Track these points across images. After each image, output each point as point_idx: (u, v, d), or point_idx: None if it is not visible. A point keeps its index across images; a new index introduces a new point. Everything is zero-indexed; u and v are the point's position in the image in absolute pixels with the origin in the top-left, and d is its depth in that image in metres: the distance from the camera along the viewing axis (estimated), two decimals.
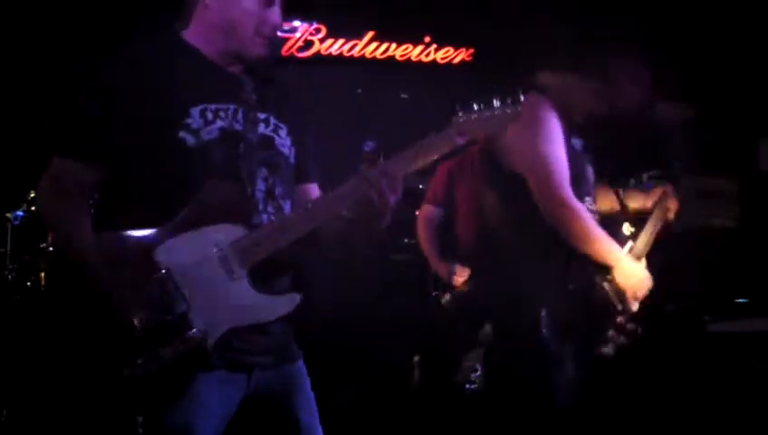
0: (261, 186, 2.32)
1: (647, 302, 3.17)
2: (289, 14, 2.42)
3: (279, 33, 2.43)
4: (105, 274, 2.15)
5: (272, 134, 2.40)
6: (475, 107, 2.25)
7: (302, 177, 2.51)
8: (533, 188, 3.02)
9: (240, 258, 2.20)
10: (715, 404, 4.29)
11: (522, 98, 2.25)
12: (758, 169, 5.84)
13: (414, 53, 7.26)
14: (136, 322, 2.13)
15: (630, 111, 3.27)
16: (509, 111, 2.27)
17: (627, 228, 3.26)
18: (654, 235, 3.28)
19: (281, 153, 2.40)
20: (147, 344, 2.13)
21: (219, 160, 2.25)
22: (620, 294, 3.09)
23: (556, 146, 3.04)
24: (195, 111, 2.25)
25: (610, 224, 3.18)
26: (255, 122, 2.35)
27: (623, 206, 3.45)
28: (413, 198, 4.77)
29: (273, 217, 2.32)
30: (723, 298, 4.72)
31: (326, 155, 2.71)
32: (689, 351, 4.48)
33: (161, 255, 2.17)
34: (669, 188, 3.53)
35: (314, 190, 2.54)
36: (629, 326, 3.12)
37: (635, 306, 3.15)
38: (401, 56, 7.25)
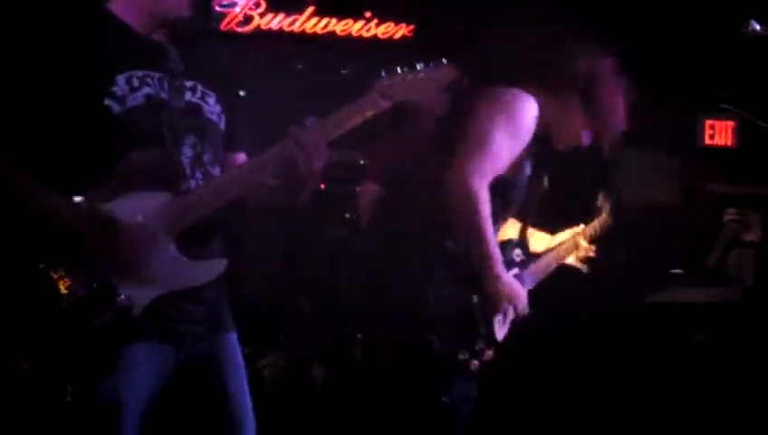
0: (188, 152, 2.29)
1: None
2: None
3: (218, 8, 2.40)
4: None
5: (199, 101, 2.36)
6: (399, 70, 2.24)
7: (232, 145, 2.47)
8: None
9: (166, 225, 2.17)
10: (651, 373, 4.35)
11: (444, 60, 2.24)
12: (698, 144, 5.91)
13: (355, 28, 7.21)
14: (62, 290, 2.09)
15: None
16: (433, 73, 2.27)
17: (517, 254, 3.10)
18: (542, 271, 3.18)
19: (209, 120, 2.37)
20: (73, 314, 2.09)
21: (145, 127, 2.22)
22: (487, 314, 2.88)
23: (513, 141, 2.87)
24: (120, 79, 2.22)
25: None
26: (182, 90, 2.31)
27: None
28: (354, 173, 4.75)
29: (201, 184, 2.28)
30: (659, 270, 4.78)
31: (267, 131, 2.69)
32: (628, 321, 4.53)
33: None
34: (585, 231, 3.44)
35: (243, 159, 2.51)
36: (487, 353, 2.90)
37: (500, 332, 2.94)
38: (342, 31, 7.20)
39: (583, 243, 3.45)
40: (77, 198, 2.15)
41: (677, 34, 5.82)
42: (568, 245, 3.42)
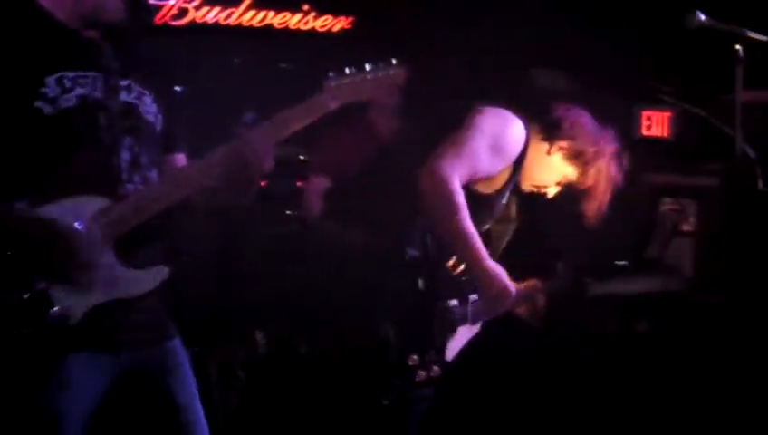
0: (125, 155, 2.21)
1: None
2: None
3: (152, 0, 2.32)
4: None
5: (135, 101, 2.28)
6: (347, 71, 2.22)
7: (169, 146, 2.40)
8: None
9: (104, 231, 2.09)
10: (598, 365, 4.37)
11: (394, 61, 2.23)
12: (635, 135, 5.95)
13: (292, 21, 7.12)
14: None
15: None
16: (381, 74, 2.26)
17: None
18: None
19: (145, 120, 2.29)
20: (3, 324, 2.01)
21: (80, 129, 2.14)
22: (443, 325, 2.92)
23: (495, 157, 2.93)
24: (51, 80, 2.13)
25: None
26: (116, 89, 2.23)
27: None
28: (293, 169, 4.69)
29: (139, 187, 2.21)
30: (604, 261, 4.80)
31: (204, 127, 2.63)
32: (574, 314, 4.54)
33: None
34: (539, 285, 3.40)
35: (182, 160, 2.44)
36: (434, 368, 2.90)
37: (453, 349, 2.99)
38: (279, 24, 7.11)
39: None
40: (6, 205, 2.06)
41: (618, 25, 5.85)
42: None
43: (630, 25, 5.76)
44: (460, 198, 2.83)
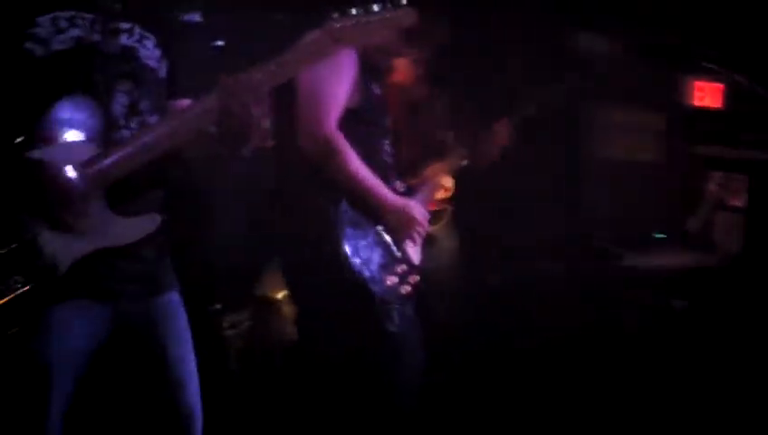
0: (121, 99, 2.14)
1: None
2: None
3: None
4: None
5: (135, 45, 2.20)
6: (354, 11, 2.05)
7: (176, 92, 2.31)
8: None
9: (94, 177, 2.02)
10: (632, 338, 4.24)
11: (403, 1, 2.07)
12: (687, 105, 5.74)
13: None
14: None
15: None
16: (390, 15, 2.07)
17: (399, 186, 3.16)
18: None
19: (145, 65, 2.21)
20: None
21: (73, 72, 2.07)
22: (397, 240, 3.00)
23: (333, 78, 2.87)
24: (44, 20, 2.06)
25: None
26: (116, 32, 2.16)
27: None
28: None
29: (134, 133, 2.12)
30: (641, 233, 4.65)
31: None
32: (606, 286, 4.40)
33: None
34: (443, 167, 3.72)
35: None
36: (412, 277, 3.02)
37: (415, 255, 3.07)
38: None
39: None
40: None
41: None
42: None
43: None
44: (346, 147, 2.88)
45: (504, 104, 4.25)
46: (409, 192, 3.21)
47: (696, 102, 5.89)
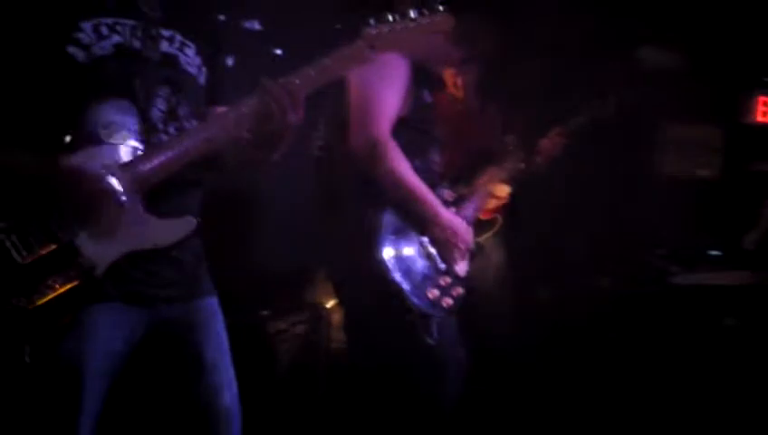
0: (160, 105, 2.16)
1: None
2: None
3: None
4: None
5: (176, 52, 2.23)
6: (390, 18, 2.05)
7: (215, 99, 2.34)
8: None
9: (132, 180, 2.04)
10: (683, 356, 4.16)
11: (440, 7, 2.06)
12: (743, 121, 5.64)
13: None
14: (21, 250, 1.99)
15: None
16: (427, 22, 2.07)
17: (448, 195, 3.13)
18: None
19: (186, 72, 2.24)
20: (33, 272, 1.99)
21: (113, 78, 2.10)
22: (443, 252, 2.96)
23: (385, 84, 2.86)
24: (87, 26, 2.10)
25: None
26: (157, 39, 2.18)
27: None
28: None
29: (172, 138, 2.15)
30: (696, 250, 4.57)
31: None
32: (657, 302, 4.34)
33: None
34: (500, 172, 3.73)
35: None
36: (456, 290, 2.98)
37: (460, 267, 3.03)
38: None
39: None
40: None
41: (732, 10, 5.54)
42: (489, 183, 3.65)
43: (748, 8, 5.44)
44: (398, 156, 2.88)
45: (558, 115, 4.23)
46: (460, 201, 3.19)
47: (760, 118, 5.79)
